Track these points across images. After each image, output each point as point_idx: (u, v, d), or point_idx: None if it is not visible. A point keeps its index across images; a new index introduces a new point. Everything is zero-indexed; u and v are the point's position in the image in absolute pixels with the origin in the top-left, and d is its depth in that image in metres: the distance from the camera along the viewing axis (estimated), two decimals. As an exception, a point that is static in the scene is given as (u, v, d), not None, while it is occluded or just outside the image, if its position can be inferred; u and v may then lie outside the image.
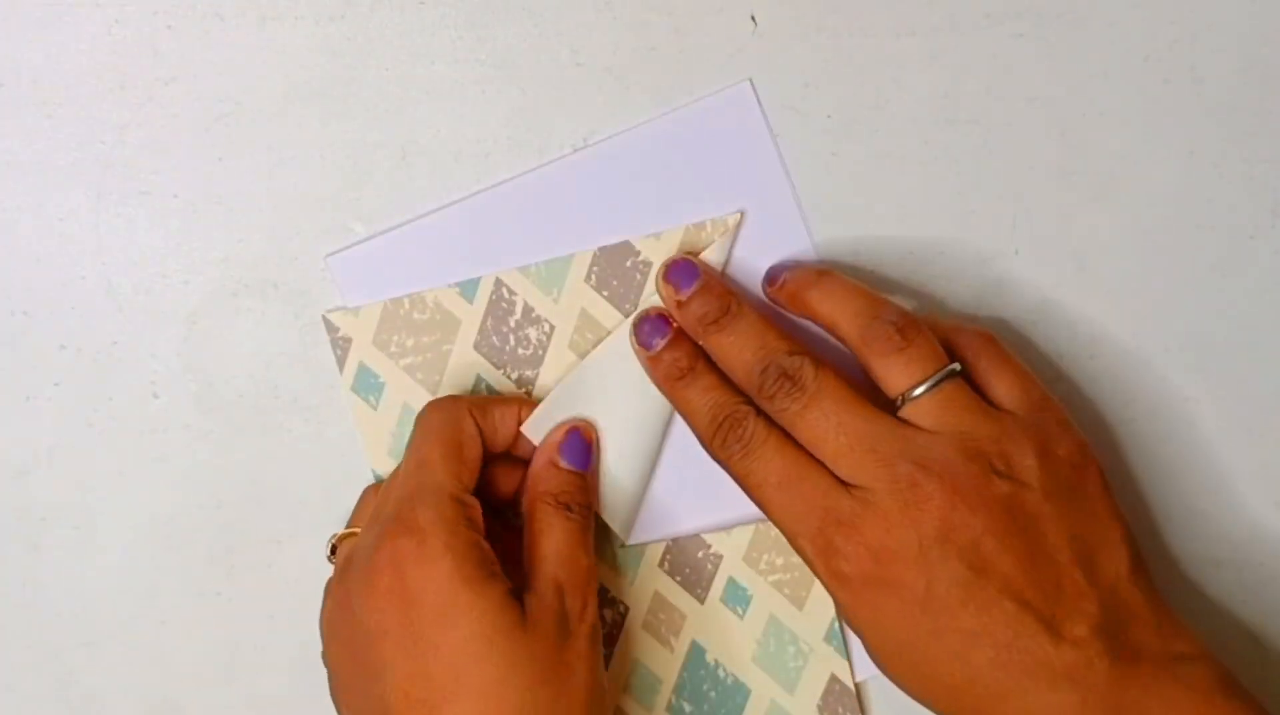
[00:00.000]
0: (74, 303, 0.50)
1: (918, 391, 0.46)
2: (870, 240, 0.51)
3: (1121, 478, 0.52)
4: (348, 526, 0.50)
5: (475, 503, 0.46)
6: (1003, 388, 0.47)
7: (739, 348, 0.47)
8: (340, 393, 0.51)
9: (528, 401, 0.50)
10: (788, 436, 0.46)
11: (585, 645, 0.46)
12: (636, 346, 0.49)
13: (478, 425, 0.48)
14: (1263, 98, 0.51)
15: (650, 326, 0.49)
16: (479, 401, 0.49)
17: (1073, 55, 0.50)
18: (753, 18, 0.50)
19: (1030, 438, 0.46)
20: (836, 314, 0.47)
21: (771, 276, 0.50)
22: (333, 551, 0.49)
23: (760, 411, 0.47)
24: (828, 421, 0.45)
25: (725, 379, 0.48)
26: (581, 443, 0.49)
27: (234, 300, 0.50)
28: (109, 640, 0.52)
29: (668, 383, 0.49)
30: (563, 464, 0.49)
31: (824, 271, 0.49)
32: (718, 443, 0.47)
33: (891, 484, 0.44)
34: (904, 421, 0.46)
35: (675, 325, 0.49)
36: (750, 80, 0.50)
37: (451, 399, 0.49)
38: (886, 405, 0.46)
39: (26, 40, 0.49)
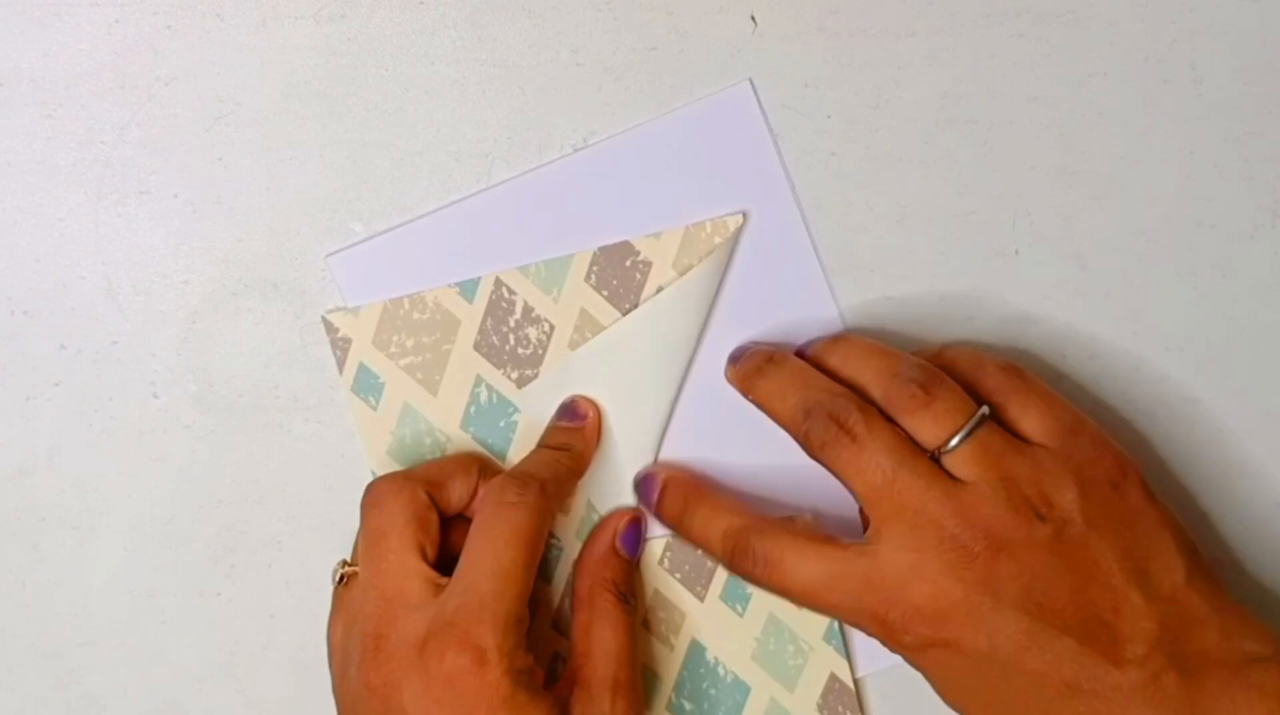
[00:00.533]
0: (74, 303, 0.50)
1: (952, 444, 0.46)
2: (870, 240, 0.51)
3: (1121, 477, 0.52)
4: (352, 558, 0.48)
5: (528, 616, 0.46)
6: (1033, 420, 0.47)
7: (781, 392, 0.48)
8: (340, 393, 0.51)
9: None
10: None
11: None
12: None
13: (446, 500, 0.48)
14: (1263, 98, 0.51)
15: None
16: (556, 491, 0.48)
17: (1073, 55, 0.50)
18: (753, 18, 0.50)
19: (1068, 470, 0.46)
20: (857, 376, 0.47)
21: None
22: (341, 580, 0.47)
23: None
24: (881, 472, 0.45)
25: None
26: (640, 533, 0.51)
27: (234, 300, 0.50)
28: (109, 640, 0.52)
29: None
30: (623, 551, 0.50)
31: (839, 336, 0.49)
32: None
33: (938, 545, 0.45)
34: (943, 472, 0.46)
35: None
36: (750, 80, 0.50)
37: (541, 495, 0.47)
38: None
39: (26, 40, 0.49)
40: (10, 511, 0.51)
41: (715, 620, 0.52)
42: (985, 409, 0.46)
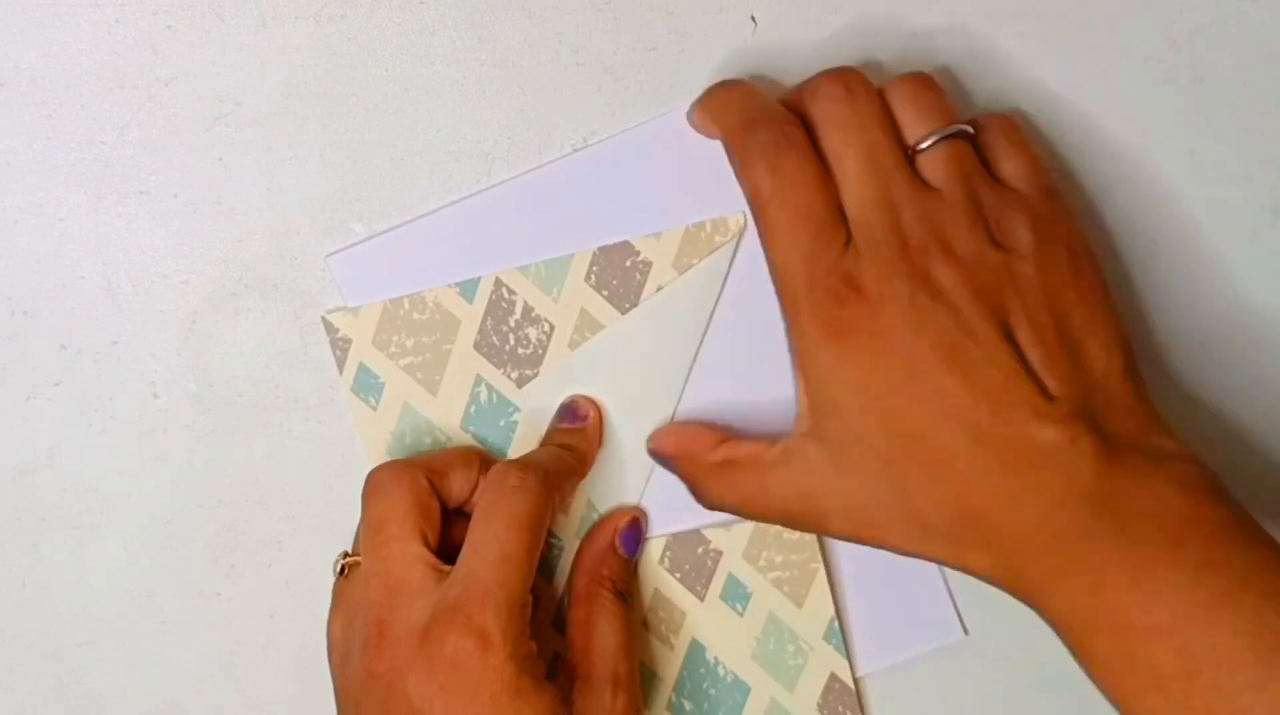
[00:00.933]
0: (74, 303, 0.50)
1: (928, 143, 0.45)
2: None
3: (1121, 477, 0.52)
4: (353, 548, 0.48)
5: (531, 603, 0.45)
6: (1013, 166, 0.47)
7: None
8: (340, 393, 0.51)
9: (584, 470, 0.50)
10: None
11: None
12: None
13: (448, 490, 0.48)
14: (1263, 98, 0.51)
15: None
16: (558, 480, 0.48)
17: (1073, 55, 0.50)
18: (753, 18, 0.50)
19: (1030, 213, 0.45)
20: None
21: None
22: (342, 571, 0.47)
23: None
24: (863, 138, 0.45)
25: None
26: (640, 533, 0.51)
27: (234, 300, 0.50)
28: (109, 640, 0.52)
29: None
30: (621, 551, 0.50)
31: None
32: (752, 142, 0.46)
33: (892, 234, 0.44)
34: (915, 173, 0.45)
35: None
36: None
37: (542, 481, 0.47)
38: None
39: (26, 40, 0.49)
40: (10, 511, 0.51)
41: (715, 620, 0.52)
42: (969, 128, 0.46)
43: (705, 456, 0.48)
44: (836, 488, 0.45)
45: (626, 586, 0.50)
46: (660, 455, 0.50)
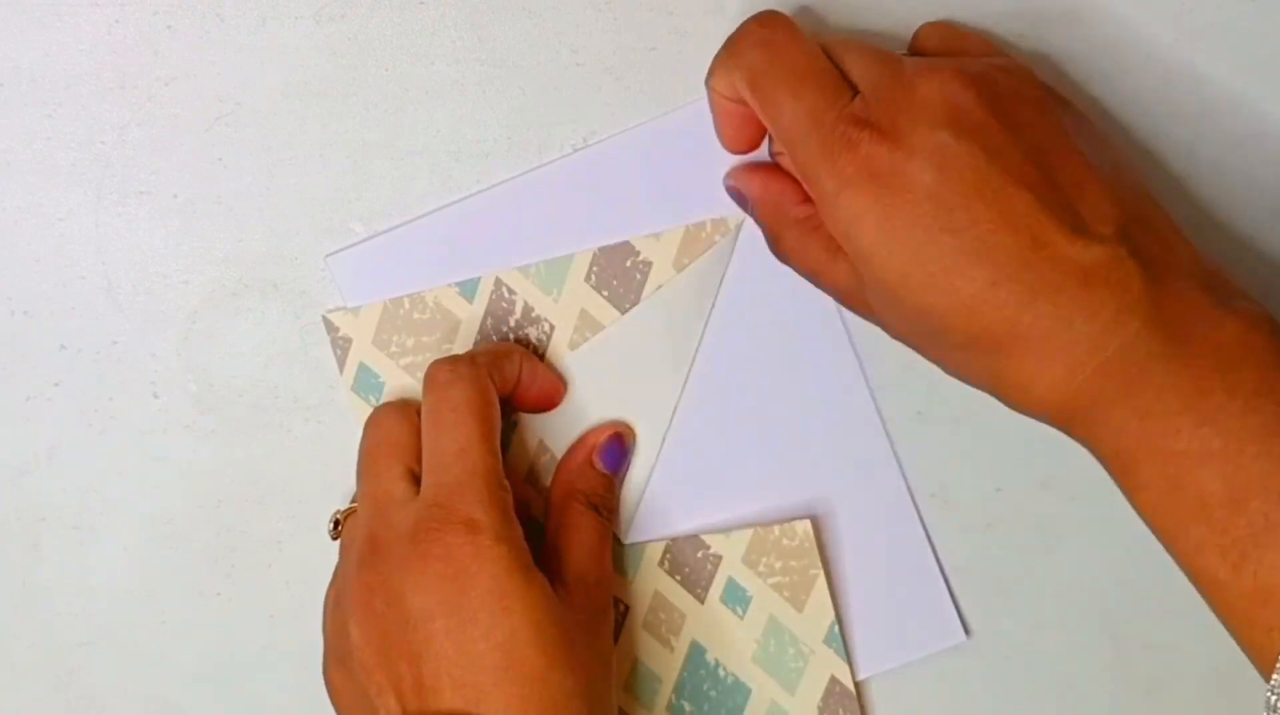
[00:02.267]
0: (74, 303, 0.50)
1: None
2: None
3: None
4: (354, 502, 0.48)
5: (509, 489, 0.46)
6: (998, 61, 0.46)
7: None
8: (340, 393, 0.51)
9: (527, 354, 0.49)
10: None
11: (609, 640, 0.47)
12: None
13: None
14: (1262, 99, 0.51)
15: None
16: (489, 360, 0.48)
17: (1073, 55, 0.50)
18: (753, 18, 0.50)
19: (1021, 77, 0.44)
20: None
21: None
22: (335, 526, 0.48)
23: None
24: (855, 40, 0.45)
25: None
26: (620, 448, 0.50)
27: (234, 300, 0.51)
28: (109, 640, 0.52)
29: None
30: (599, 466, 0.50)
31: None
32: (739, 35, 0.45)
33: (899, 73, 0.42)
34: None
35: None
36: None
37: (471, 365, 0.47)
38: None
39: (26, 40, 0.49)
40: (10, 511, 0.51)
41: (716, 622, 0.52)
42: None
43: (790, 210, 0.47)
44: (885, 320, 0.44)
45: (602, 501, 0.49)
46: (740, 193, 0.49)
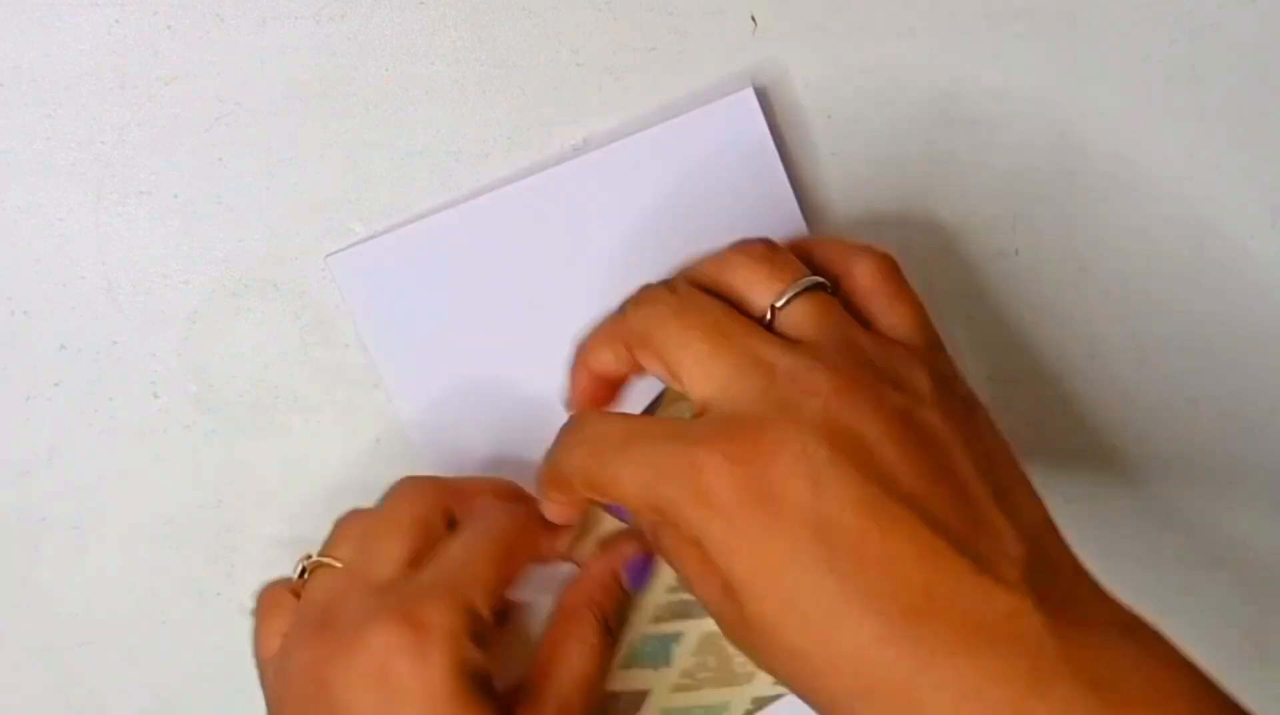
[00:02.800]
0: (74, 303, 0.50)
1: (783, 299, 0.38)
2: (870, 239, 0.51)
3: (1121, 476, 0.52)
4: (324, 551, 0.45)
5: (492, 625, 0.41)
6: (891, 319, 0.40)
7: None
8: (340, 393, 0.51)
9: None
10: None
11: None
12: None
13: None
14: (1263, 98, 0.51)
15: None
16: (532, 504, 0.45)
17: (1073, 55, 0.50)
18: (753, 18, 0.50)
19: (921, 362, 0.38)
20: (697, 267, 0.41)
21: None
22: (301, 573, 0.45)
23: None
24: (697, 323, 0.38)
25: None
26: (647, 570, 0.46)
27: (234, 300, 0.50)
28: (109, 640, 0.52)
29: None
30: (625, 584, 0.46)
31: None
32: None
33: (766, 386, 0.36)
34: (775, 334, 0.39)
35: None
36: (753, 85, 0.50)
37: (519, 493, 0.45)
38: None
39: (26, 40, 0.49)
40: (10, 511, 0.51)
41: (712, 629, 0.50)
42: (824, 280, 0.39)
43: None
44: (753, 656, 0.38)
45: (615, 622, 0.45)
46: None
